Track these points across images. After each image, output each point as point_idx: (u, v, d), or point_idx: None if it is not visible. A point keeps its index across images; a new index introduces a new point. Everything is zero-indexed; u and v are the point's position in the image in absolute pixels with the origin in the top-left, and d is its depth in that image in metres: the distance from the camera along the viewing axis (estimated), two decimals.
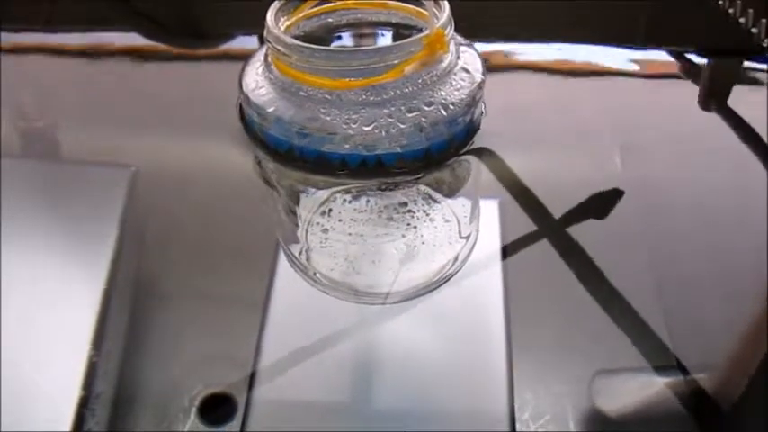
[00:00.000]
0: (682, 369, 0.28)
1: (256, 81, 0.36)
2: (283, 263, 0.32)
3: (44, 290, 0.31)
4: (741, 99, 0.41)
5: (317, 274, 0.32)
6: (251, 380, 0.28)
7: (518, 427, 0.27)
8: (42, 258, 0.32)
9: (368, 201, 0.34)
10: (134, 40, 0.47)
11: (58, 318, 0.30)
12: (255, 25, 0.37)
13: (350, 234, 0.33)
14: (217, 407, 0.27)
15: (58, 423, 0.27)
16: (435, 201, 0.35)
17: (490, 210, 0.35)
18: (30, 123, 0.41)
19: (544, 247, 0.33)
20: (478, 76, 0.36)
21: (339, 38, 0.40)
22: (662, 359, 0.29)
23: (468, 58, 0.37)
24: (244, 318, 0.30)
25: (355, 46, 0.40)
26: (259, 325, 0.30)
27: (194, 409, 0.27)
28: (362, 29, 0.40)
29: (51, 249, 0.33)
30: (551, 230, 0.34)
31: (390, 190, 0.35)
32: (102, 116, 0.41)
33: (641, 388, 0.28)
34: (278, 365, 0.29)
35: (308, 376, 0.28)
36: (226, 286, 0.32)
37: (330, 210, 0.34)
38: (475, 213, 0.35)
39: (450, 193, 0.36)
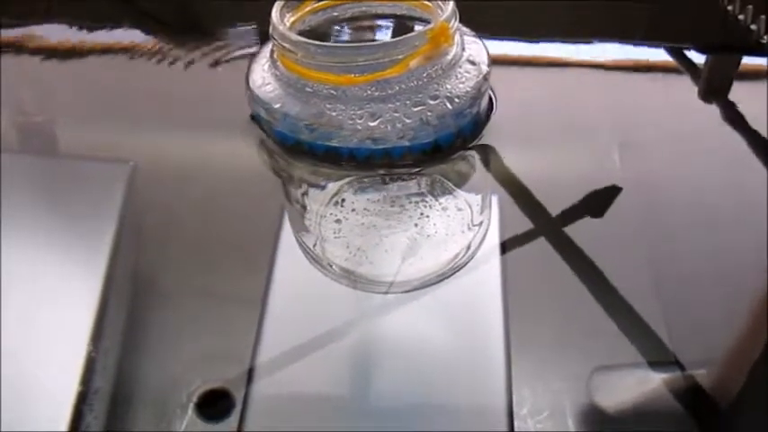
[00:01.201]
0: (679, 365, 0.28)
1: (263, 77, 0.36)
2: (282, 258, 0.32)
3: (42, 285, 0.31)
4: (740, 96, 0.41)
5: (333, 266, 0.32)
6: (249, 376, 0.28)
7: (516, 422, 0.27)
8: (41, 254, 0.32)
9: (380, 190, 0.34)
10: (133, 35, 0.47)
11: (56, 313, 0.30)
12: (255, 22, 0.37)
13: (363, 224, 0.33)
14: (215, 403, 0.27)
15: (56, 419, 0.27)
16: (448, 190, 0.35)
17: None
18: (28, 118, 0.41)
19: (543, 244, 0.33)
20: (484, 68, 0.36)
21: (344, 31, 0.40)
22: (660, 355, 0.29)
23: (474, 49, 0.37)
24: (242, 313, 0.30)
25: (360, 39, 0.40)
26: (257, 320, 0.30)
27: (192, 405, 0.27)
28: (367, 22, 0.40)
29: (50, 245, 0.33)
30: (550, 228, 0.34)
31: (403, 180, 0.35)
32: (100, 111, 0.41)
33: (639, 384, 0.28)
34: (276, 361, 0.29)
35: (306, 372, 0.28)
36: (224, 282, 0.32)
37: (343, 200, 0.34)
38: (486, 202, 0.35)
39: (462, 182, 0.36)
